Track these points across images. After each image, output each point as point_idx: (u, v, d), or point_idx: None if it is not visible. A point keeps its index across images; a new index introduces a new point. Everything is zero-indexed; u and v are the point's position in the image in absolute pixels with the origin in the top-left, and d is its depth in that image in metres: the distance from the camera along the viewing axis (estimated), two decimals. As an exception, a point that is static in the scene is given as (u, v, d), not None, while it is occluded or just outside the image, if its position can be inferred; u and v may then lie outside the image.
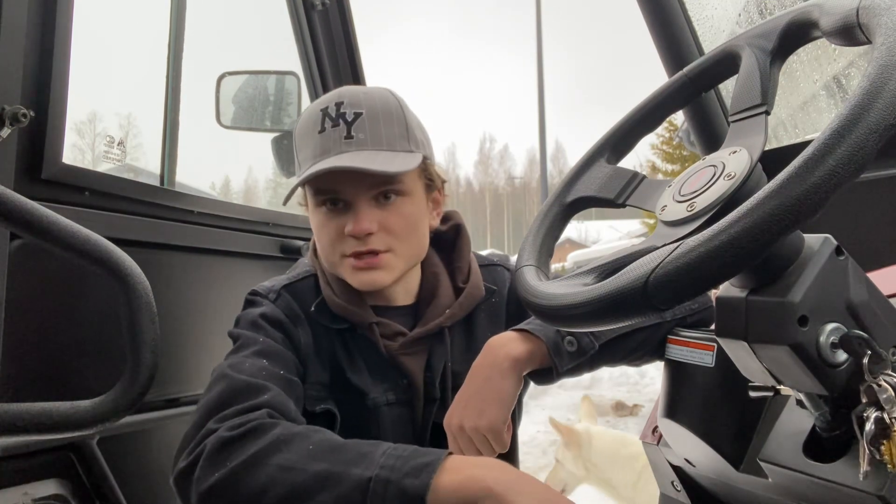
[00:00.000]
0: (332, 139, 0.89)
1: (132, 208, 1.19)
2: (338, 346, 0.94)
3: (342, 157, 0.88)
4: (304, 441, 0.70)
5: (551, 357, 0.84)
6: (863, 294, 0.53)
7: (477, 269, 1.03)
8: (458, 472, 0.65)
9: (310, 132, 0.92)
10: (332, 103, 0.91)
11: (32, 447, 1.02)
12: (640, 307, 0.49)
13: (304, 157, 0.93)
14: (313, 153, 0.91)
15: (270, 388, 0.78)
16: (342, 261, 0.92)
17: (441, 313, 0.97)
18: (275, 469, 0.68)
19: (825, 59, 1.53)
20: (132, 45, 2.46)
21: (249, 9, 2.50)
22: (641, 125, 0.74)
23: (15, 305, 0.92)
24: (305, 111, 0.96)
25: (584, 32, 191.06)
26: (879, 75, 0.44)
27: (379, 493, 0.63)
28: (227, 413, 0.73)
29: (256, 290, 0.96)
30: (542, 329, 0.85)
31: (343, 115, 0.90)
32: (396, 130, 0.92)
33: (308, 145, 0.92)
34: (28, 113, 0.91)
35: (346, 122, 0.89)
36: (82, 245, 0.79)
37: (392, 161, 0.89)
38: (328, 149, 0.89)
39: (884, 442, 0.48)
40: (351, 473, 0.66)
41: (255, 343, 0.86)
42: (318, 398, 0.91)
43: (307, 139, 0.92)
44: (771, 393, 0.60)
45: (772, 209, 0.43)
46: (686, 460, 0.81)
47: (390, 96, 0.95)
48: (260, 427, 0.71)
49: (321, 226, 0.93)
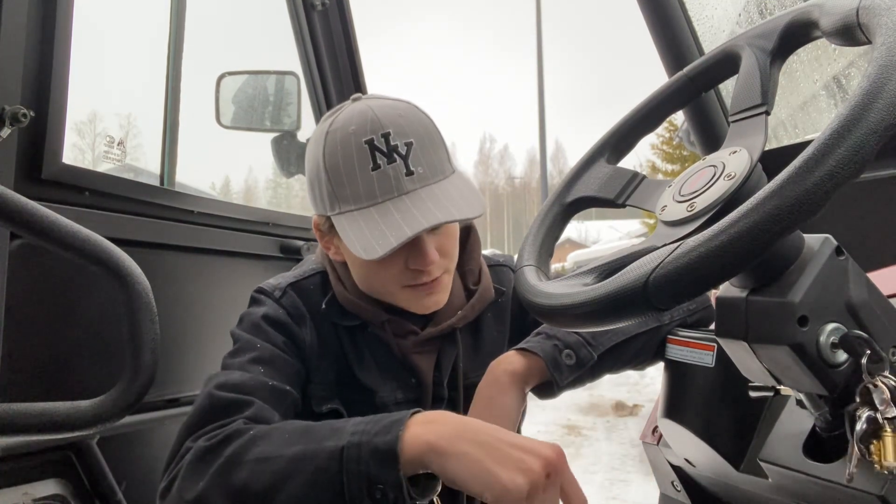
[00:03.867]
0: (393, 177, 0.84)
1: (132, 208, 1.19)
2: (346, 343, 0.94)
3: (415, 200, 0.84)
4: (278, 432, 0.71)
5: (550, 372, 0.85)
6: (863, 294, 0.53)
7: (487, 272, 1.03)
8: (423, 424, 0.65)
9: (358, 169, 0.85)
10: (377, 134, 0.85)
11: (32, 447, 1.02)
12: (640, 307, 0.49)
13: (356, 195, 0.85)
14: (370, 192, 0.84)
15: (253, 402, 0.77)
16: (401, 290, 0.90)
17: (453, 314, 0.97)
18: (253, 463, 0.67)
19: (825, 59, 1.53)
20: (132, 45, 2.46)
21: (249, 9, 2.50)
22: (641, 125, 0.74)
23: (15, 305, 0.92)
24: (338, 139, 0.86)
25: (585, 32, 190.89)
26: (879, 75, 0.44)
27: (353, 456, 0.64)
28: (203, 431, 0.73)
29: (262, 288, 0.95)
30: (539, 345, 0.87)
31: (395, 148, 0.85)
32: (442, 154, 0.90)
33: (358, 183, 0.85)
34: (28, 113, 0.91)
35: (400, 157, 0.85)
36: (82, 245, 0.79)
37: (468, 205, 0.86)
38: (390, 188, 0.84)
39: (874, 441, 0.49)
40: (325, 447, 0.66)
41: (253, 349, 0.85)
42: (324, 397, 0.91)
43: (354, 176, 0.85)
44: (771, 393, 0.60)
45: (772, 209, 0.43)
46: (686, 460, 0.81)
47: (423, 115, 0.91)
48: (235, 432, 0.71)
49: (374, 263, 0.86)
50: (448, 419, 0.66)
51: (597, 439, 4.68)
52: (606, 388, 6.16)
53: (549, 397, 0.89)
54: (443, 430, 0.64)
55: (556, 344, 0.87)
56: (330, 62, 1.83)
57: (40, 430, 0.76)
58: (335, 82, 1.83)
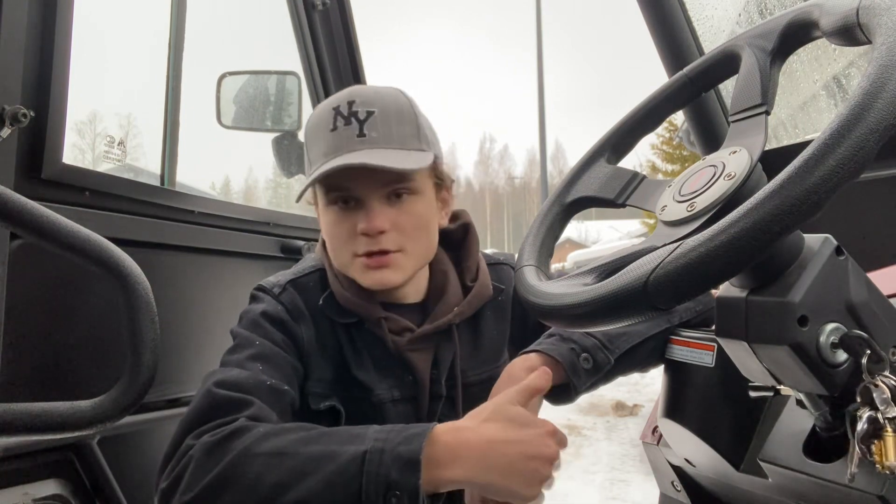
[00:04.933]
0: (345, 137, 0.89)
1: (132, 208, 1.19)
2: (344, 341, 0.94)
3: (355, 155, 0.88)
4: (291, 431, 0.72)
5: (569, 376, 0.84)
6: (863, 294, 0.53)
7: (485, 268, 1.04)
8: (446, 435, 0.71)
9: (321, 130, 0.92)
10: (343, 102, 0.91)
11: (32, 447, 1.02)
12: (640, 307, 0.49)
13: (316, 156, 0.92)
14: (325, 151, 0.90)
15: (253, 402, 0.77)
16: (353, 260, 0.92)
17: (449, 311, 0.97)
18: (266, 457, 0.68)
19: (825, 59, 1.53)
20: (132, 45, 2.46)
21: (250, 9, 2.50)
22: (641, 125, 0.74)
23: (15, 305, 0.92)
24: (316, 109, 0.96)
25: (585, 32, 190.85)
26: (879, 75, 0.44)
27: (375, 461, 0.66)
28: (205, 428, 0.73)
29: (262, 285, 0.95)
30: (556, 349, 0.86)
31: (355, 113, 0.90)
32: (408, 129, 0.92)
33: (319, 143, 0.92)
34: (28, 113, 0.91)
35: (358, 121, 0.90)
36: (82, 245, 0.79)
37: (406, 159, 0.89)
38: (340, 147, 0.89)
39: (875, 441, 0.49)
40: (345, 450, 0.68)
41: (252, 345, 0.85)
42: (321, 395, 0.91)
43: (318, 137, 0.92)
44: (771, 393, 0.60)
45: (772, 209, 0.43)
46: (686, 460, 0.81)
47: (401, 96, 0.95)
48: (243, 427, 0.71)
49: (332, 224, 0.93)
50: (469, 444, 0.70)
51: (597, 439, 4.68)
52: (606, 388, 6.11)
53: (565, 402, 0.88)
54: (466, 463, 0.69)
55: (573, 347, 0.86)
56: (331, 62, 1.83)
57: (40, 430, 0.76)
58: (336, 82, 1.83)
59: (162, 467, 0.73)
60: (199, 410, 0.75)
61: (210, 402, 0.76)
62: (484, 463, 0.69)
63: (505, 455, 0.70)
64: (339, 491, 0.66)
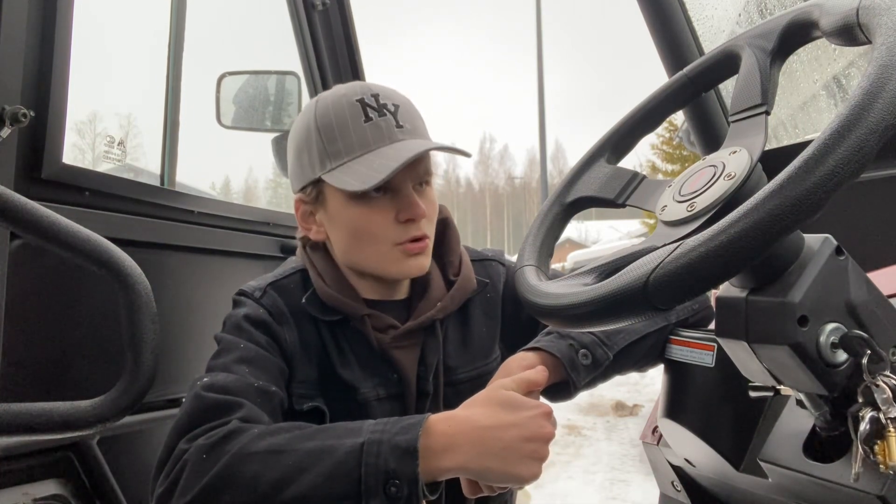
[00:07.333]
0: (385, 128, 0.89)
1: (132, 208, 1.19)
2: (328, 340, 0.93)
3: (408, 144, 0.88)
4: (286, 430, 0.72)
5: (568, 372, 0.84)
6: (863, 294, 0.53)
7: (468, 262, 1.03)
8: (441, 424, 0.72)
9: (351, 121, 0.89)
10: (367, 94, 0.91)
11: (32, 447, 1.02)
12: (640, 307, 0.49)
13: (347, 147, 0.89)
14: (361, 142, 0.88)
15: (243, 404, 0.77)
16: (391, 249, 0.91)
17: (433, 306, 0.96)
18: (264, 455, 0.68)
19: (825, 59, 1.53)
20: (132, 45, 2.46)
21: (250, 9, 2.50)
22: (641, 125, 0.74)
23: (15, 305, 0.92)
24: (328, 103, 0.92)
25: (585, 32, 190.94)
26: (879, 75, 0.44)
27: (373, 452, 0.67)
28: (197, 432, 0.73)
29: (243, 290, 0.95)
30: (554, 345, 0.86)
31: (385, 105, 0.90)
32: (422, 123, 0.95)
33: (349, 135, 0.89)
34: (28, 113, 0.91)
35: (390, 113, 0.90)
36: (82, 245, 0.79)
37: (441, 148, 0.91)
38: (382, 137, 0.88)
39: (878, 442, 0.49)
40: (343, 443, 0.69)
41: (237, 349, 0.85)
42: (305, 396, 0.90)
43: (347, 129, 0.89)
44: (771, 393, 0.60)
45: (772, 209, 0.43)
46: (686, 460, 0.81)
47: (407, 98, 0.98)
48: (237, 429, 0.72)
49: (362, 216, 0.90)
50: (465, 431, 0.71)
51: (597, 439, 4.68)
52: (606, 388, 6.15)
53: (565, 399, 0.88)
54: (462, 449, 0.70)
55: (571, 343, 0.86)
56: (330, 62, 1.83)
57: (40, 430, 0.76)
58: (336, 82, 1.82)
59: (156, 473, 0.73)
60: (190, 415, 0.75)
61: (200, 406, 0.76)
62: (481, 449, 0.70)
63: (501, 440, 0.70)
64: (338, 483, 0.66)
